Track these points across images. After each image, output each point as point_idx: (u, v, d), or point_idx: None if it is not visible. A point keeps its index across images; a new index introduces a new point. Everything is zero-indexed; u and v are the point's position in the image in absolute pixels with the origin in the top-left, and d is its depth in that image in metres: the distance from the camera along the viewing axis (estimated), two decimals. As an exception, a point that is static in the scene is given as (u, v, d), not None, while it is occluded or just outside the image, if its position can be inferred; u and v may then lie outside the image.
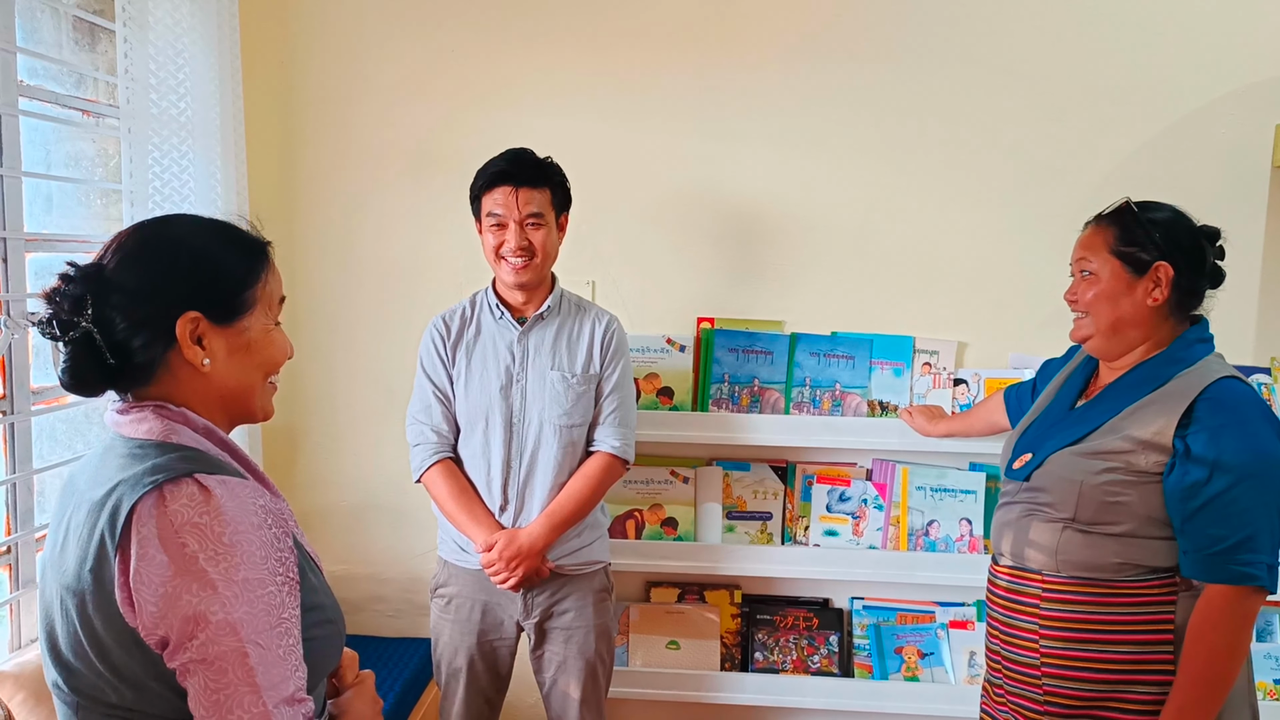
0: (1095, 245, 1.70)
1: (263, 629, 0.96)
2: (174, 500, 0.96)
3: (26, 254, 1.87)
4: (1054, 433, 1.71)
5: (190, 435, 1.05)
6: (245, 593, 0.95)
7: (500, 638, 2.07)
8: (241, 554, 0.96)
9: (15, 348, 1.83)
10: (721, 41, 2.49)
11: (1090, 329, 1.69)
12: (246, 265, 1.11)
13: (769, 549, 2.51)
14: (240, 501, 0.99)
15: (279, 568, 1.00)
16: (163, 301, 1.04)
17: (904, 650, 2.52)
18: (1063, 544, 1.63)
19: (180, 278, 1.05)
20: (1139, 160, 2.47)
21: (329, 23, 2.55)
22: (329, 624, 1.08)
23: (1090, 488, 1.59)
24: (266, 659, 0.95)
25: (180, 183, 2.07)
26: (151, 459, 0.99)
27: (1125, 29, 2.43)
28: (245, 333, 1.10)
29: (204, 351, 1.06)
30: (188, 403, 1.07)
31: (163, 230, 1.10)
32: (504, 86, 2.54)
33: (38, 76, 1.99)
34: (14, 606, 1.87)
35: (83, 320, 1.00)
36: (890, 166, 2.50)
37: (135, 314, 1.02)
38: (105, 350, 1.01)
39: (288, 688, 0.97)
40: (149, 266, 1.04)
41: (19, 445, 1.87)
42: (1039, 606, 1.64)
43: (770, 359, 2.53)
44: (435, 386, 2.05)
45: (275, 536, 1.01)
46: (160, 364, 1.05)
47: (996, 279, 2.52)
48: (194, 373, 1.07)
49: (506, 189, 1.95)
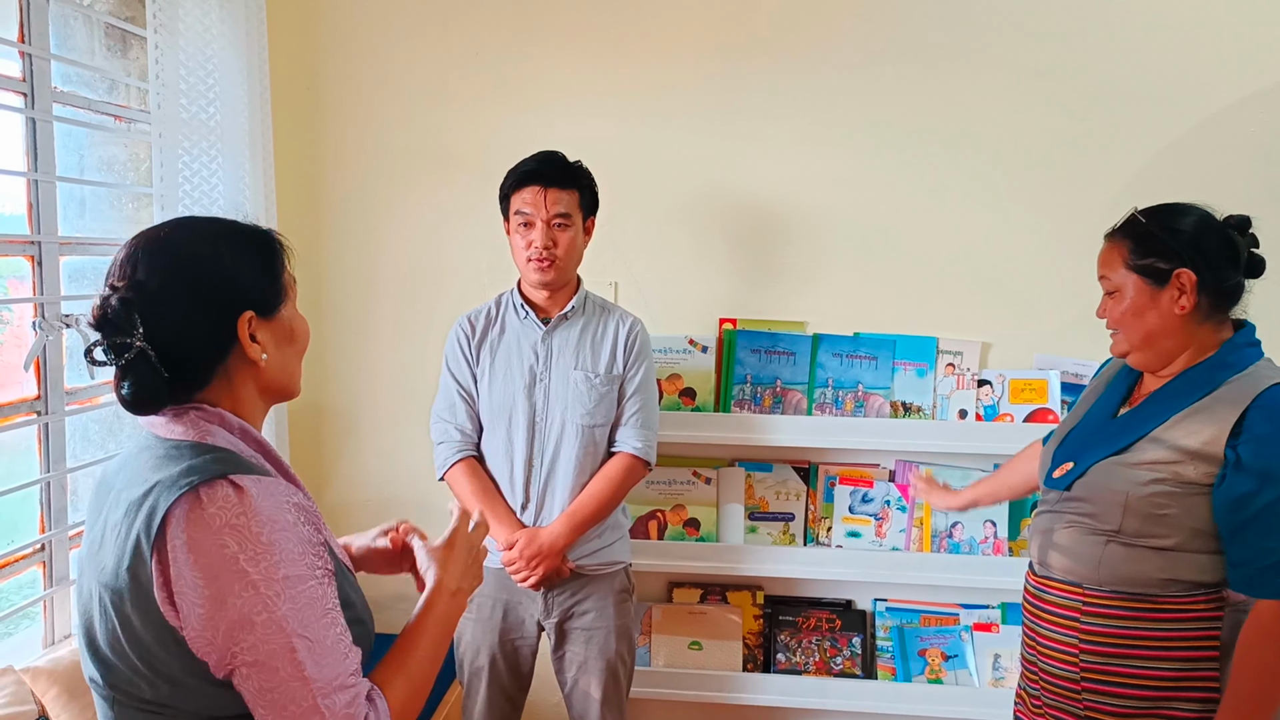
0: (1112, 262, 1.65)
1: (309, 621, 0.98)
2: (210, 503, 0.97)
3: (61, 257, 1.90)
4: (1096, 441, 1.64)
5: (224, 436, 1.06)
6: (287, 589, 0.97)
7: (521, 637, 2.08)
8: (280, 552, 0.97)
9: (50, 349, 1.87)
10: (744, 42, 2.49)
11: (1126, 345, 1.63)
12: (272, 256, 1.14)
13: (791, 550, 2.50)
14: (274, 500, 1.00)
15: (316, 561, 1.01)
16: (219, 308, 1.06)
17: (927, 652, 2.50)
18: (1106, 557, 1.57)
19: (228, 282, 1.07)
20: (1166, 159, 2.44)
21: (354, 29, 2.58)
22: (359, 623, 1.09)
23: (1136, 500, 1.53)
24: (315, 650, 0.97)
25: (210, 186, 2.10)
26: (186, 460, 1.00)
27: (1152, 28, 2.40)
28: (286, 321, 1.14)
29: (260, 346, 1.09)
30: (235, 400, 1.09)
31: (189, 239, 1.09)
32: (527, 89, 2.56)
33: (71, 83, 2.03)
34: (48, 603, 1.91)
35: (136, 340, 1.01)
36: (913, 166, 2.49)
37: (191, 325, 1.04)
38: (160, 367, 1.02)
39: (338, 675, 0.99)
40: (195, 278, 1.05)
41: (53, 445, 1.90)
42: (1079, 620, 1.58)
43: (793, 360, 2.53)
44: (459, 385, 2.07)
45: (310, 533, 1.03)
46: (218, 367, 1.07)
47: (1021, 279, 2.50)
48: (249, 369, 1.09)
49: (535, 188, 1.97)
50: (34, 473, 1.88)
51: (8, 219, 1.90)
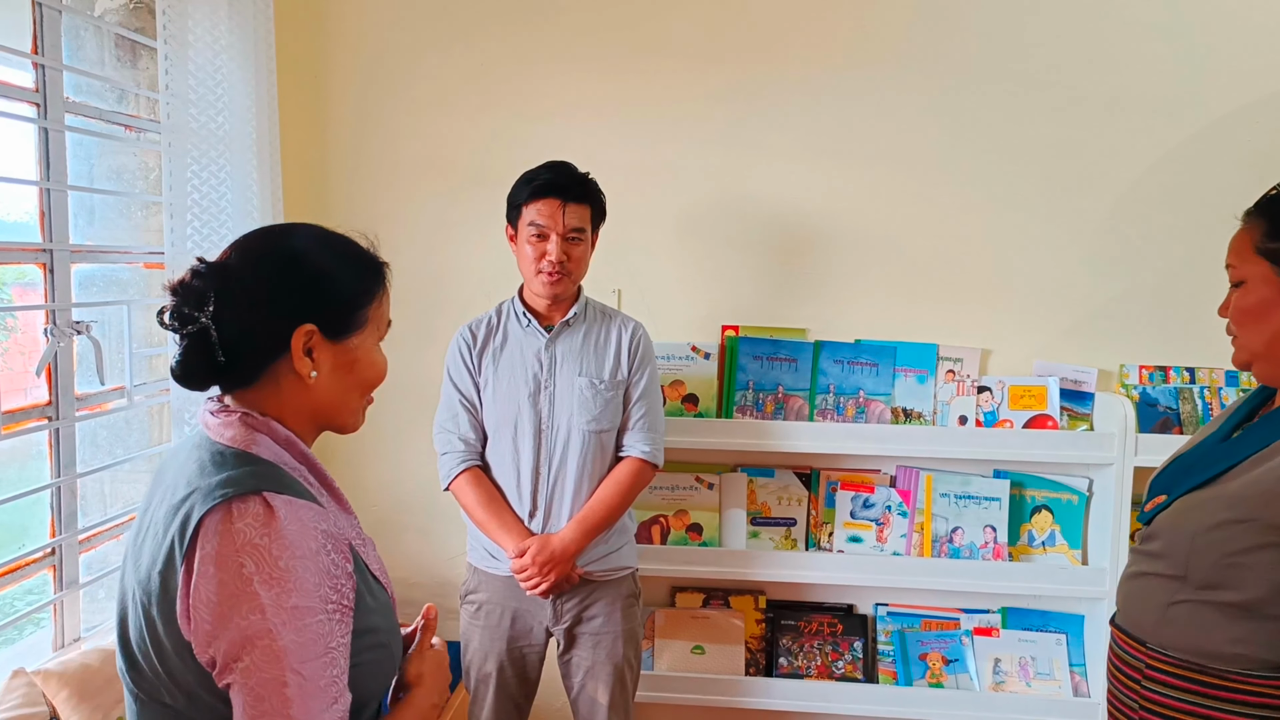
0: (1241, 247, 1.39)
1: (307, 658, 0.96)
2: (240, 518, 0.96)
3: (72, 265, 1.92)
4: (1196, 469, 1.40)
5: (270, 447, 1.06)
6: (294, 620, 0.95)
7: (530, 644, 2.10)
8: (295, 580, 0.96)
9: (61, 355, 1.89)
10: (747, 53, 2.52)
11: (1246, 352, 1.38)
12: (365, 285, 1.13)
13: (793, 555, 2.52)
14: (302, 525, 0.99)
15: (332, 595, 1.00)
16: (282, 310, 1.06)
17: (928, 657, 2.52)
18: (1170, 616, 1.35)
19: (302, 290, 1.07)
20: (1165, 167, 2.47)
21: (362, 40, 2.61)
22: (381, 648, 1.09)
23: (1205, 542, 1.29)
24: (305, 690, 0.95)
25: (218, 195, 2.12)
26: (227, 470, 1.01)
27: (1151, 37, 2.43)
28: (353, 350, 1.12)
29: (312, 364, 1.08)
30: (281, 410, 1.09)
31: (290, 240, 1.10)
32: (532, 99, 2.58)
33: (82, 93, 2.05)
34: (57, 607, 1.93)
35: (202, 316, 1.02)
36: (914, 175, 2.52)
37: (253, 318, 1.04)
38: (218, 348, 1.03)
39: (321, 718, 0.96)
40: (274, 274, 1.06)
41: (64, 450, 1.92)
42: (1140, 683, 1.40)
43: (794, 366, 2.55)
44: (462, 395, 2.08)
45: (333, 562, 1.01)
46: (267, 369, 1.07)
47: (1021, 286, 2.53)
48: (297, 382, 1.08)
49: (554, 202, 1.97)
50: (45, 478, 1.90)
51: (13, 226, 1.92)
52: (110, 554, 2.15)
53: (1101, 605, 2.41)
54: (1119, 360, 2.51)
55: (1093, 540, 2.49)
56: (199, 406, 2.07)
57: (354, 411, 1.17)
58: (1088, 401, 2.49)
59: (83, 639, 1.98)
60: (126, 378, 2.10)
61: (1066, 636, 2.50)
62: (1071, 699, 2.43)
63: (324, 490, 1.11)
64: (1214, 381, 2.46)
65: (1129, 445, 2.35)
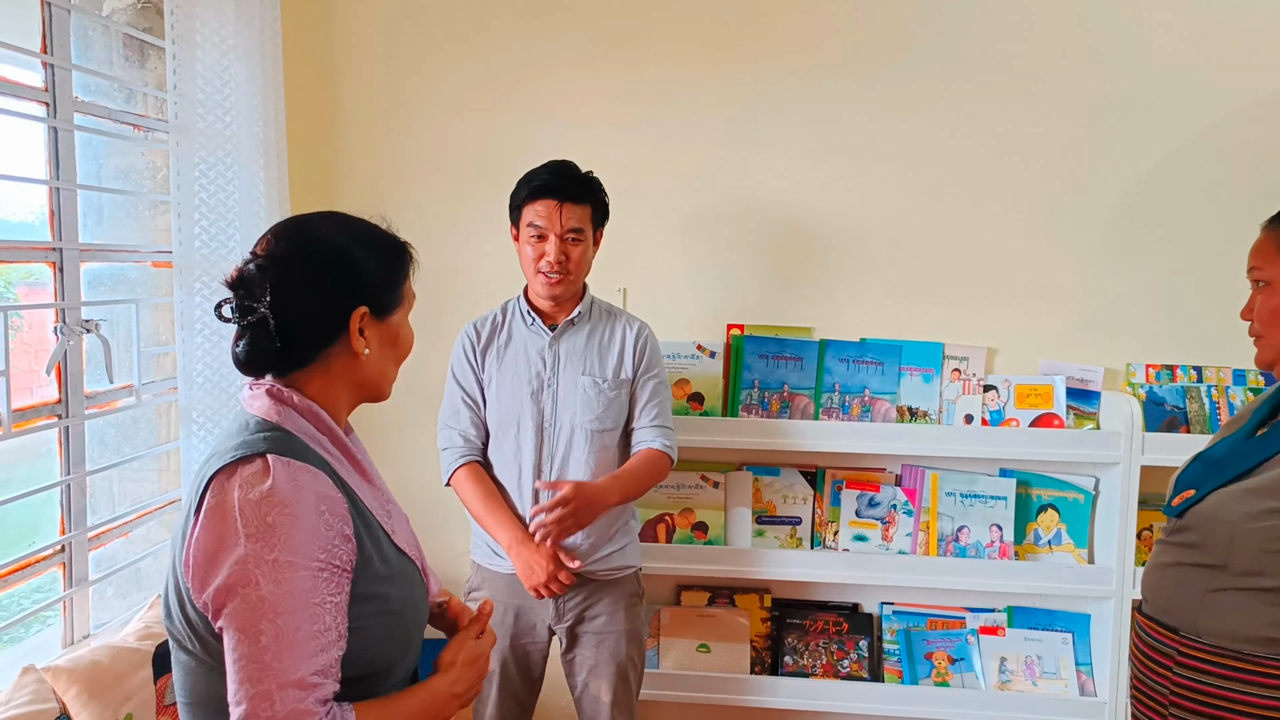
0: (1266, 249, 1.43)
1: (284, 610, 1.00)
2: (239, 476, 1.04)
3: (81, 264, 1.94)
4: (1225, 465, 1.46)
5: (293, 418, 1.13)
6: (274, 572, 1.01)
7: (533, 641, 2.10)
8: (279, 535, 1.02)
9: (70, 354, 1.90)
10: (753, 53, 2.53)
11: (1273, 351, 1.43)
12: (400, 264, 1.22)
13: (798, 553, 2.52)
14: (296, 485, 1.05)
15: (320, 554, 1.04)
16: (341, 295, 1.14)
17: (934, 655, 2.52)
18: (1209, 603, 1.40)
19: (357, 275, 1.15)
20: (1171, 165, 2.46)
21: (367, 40, 2.62)
22: (390, 614, 1.12)
23: (1247, 531, 1.34)
24: (282, 639, 1.00)
25: (226, 194, 2.13)
26: (246, 435, 1.09)
27: (1157, 35, 2.43)
28: (394, 326, 1.22)
29: (365, 342, 1.16)
30: (325, 386, 1.16)
31: (330, 230, 1.18)
32: (538, 98, 2.59)
33: (91, 93, 2.06)
34: (67, 604, 1.94)
35: (261, 306, 1.09)
36: (920, 173, 2.52)
37: (312, 305, 1.12)
38: (275, 335, 1.10)
39: (299, 670, 1.00)
40: (326, 264, 1.14)
41: (73, 448, 1.93)
42: (1171, 670, 1.44)
43: (800, 365, 2.55)
44: (464, 392, 2.09)
45: (326, 524, 1.06)
46: (322, 351, 1.15)
47: (1026, 285, 2.52)
48: (349, 360, 1.17)
49: (551, 203, 1.98)
50: (54, 475, 1.91)
51: (18, 225, 1.94)
52: (118, 552, 2.16)
53: (1108, 604, 2.41)
54: (1125, 359, 2.51)
55: (1099, 539, 2.48)
56: (206, 405, 2.09)
57: (392, 381, 1.26)
58: (1094, 400, 2.49)
59: (92, 636, 1.99)
60: (135, 376, 2.11)
61: (1073, 635, 2.50)
62: (1078, 698, 2.43)
63: (344, 460, 1.17)
64: (1221, 380, 2.45)
65: (1136, 444, 2.34)
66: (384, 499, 1.23)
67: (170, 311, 2.28)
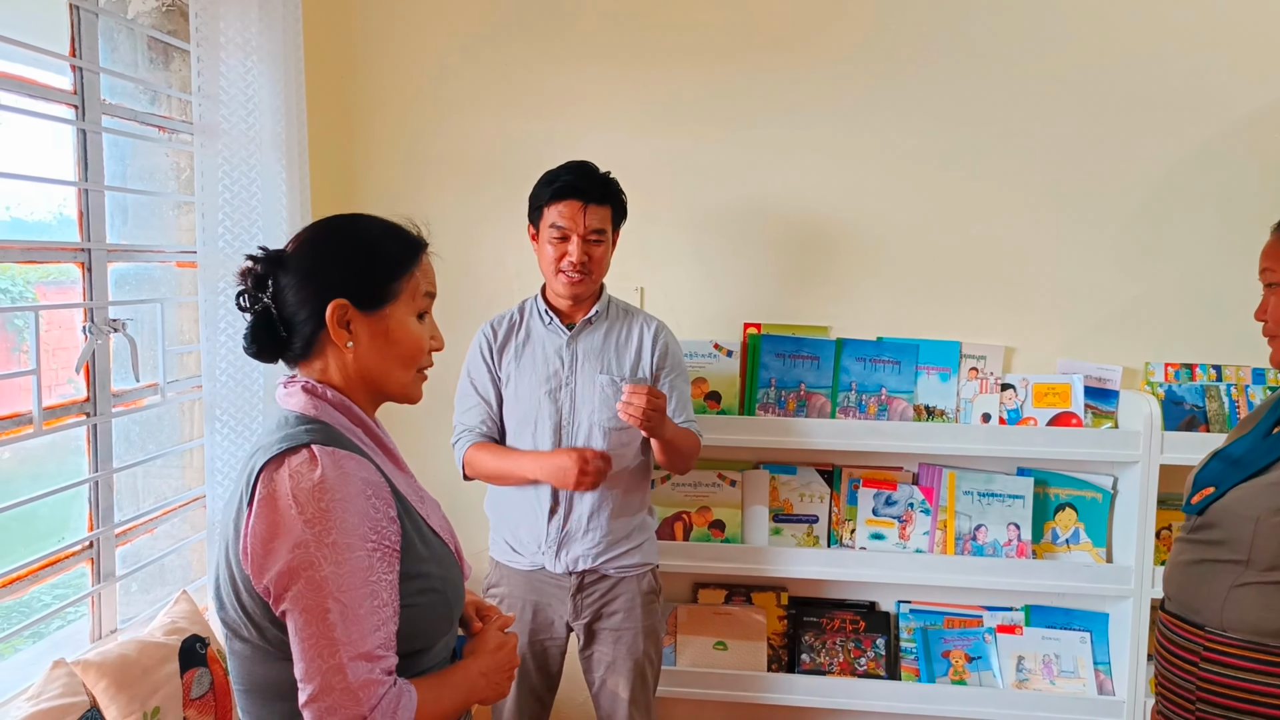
0: (1276, 253, 1.48)
1: (346, 588, 1.07)
2: (289, 466, 1.10)
3: (109, 264, 1.96)
4: (1244, 462, 1.49)
5: (328, 411, 1.19)
6: (334, 554, 1.07)
7: (551, 638, 2.12)
8: (335, 519, 1.08)
9: (98, 353, 1.93)
10: (769, 52, 2.53)
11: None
12: (394, 259, 1.23)
13: (815, 551, 2.53)
14: (343, 472, 1.11)
15: (371, 535, 1.10)
16: (320, 286, 1.18)
17: (951, 654, 2.52)
18: (1233, 598, 1.42)
19: (336, 266, 1.20)
20: (1190, 166, 2.46)
21: (387, 42, 2.64)
22: (434, 593, 1.19)
23: (1269, 525, 1.37)
24: (347, 615, 1.06)
25: (249, 194, 2.15)
26: (288, 429, 1.15)
27: (1175, 35, 2.42)
28: (386, 320, 1.22)
29: (349, 335, 1.20)
30: (334, 379, 1.22)
31: (333, 224, 1.25)
32: (555, 98, 2.60)
33: (117, 95, 2.09)
34: (95, 599, 1.97)
35: (264, 297, 1.18)
36: (936, 173, 2.52)
37: (299, 294, 1.19)
38: (279, 324, 1.18)
39: (366, 644, 1.07)
40: (314, 254, 1.21)
41: (100, 445, 1.96)
42: (1197, 665, 1.46)
43: (816, 364, 2.56)
44: (478, 392, 2.10)
45: (374, 507, 1.12)
46: (316, 341, 1.20)
47: (1045, 284, 2.52)
48: (339, 353, 1.21)
49: (574, 204, 1.99)
50: (83, 472, 1.94)
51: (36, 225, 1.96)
52: (143, 548, 2.19)
53: (1127, 603, 2.40)
54: (1144, 358, 2.50)
55: (1117, 538, 2.48)
56: (230, 403, 2.12)
57: (402, 383, 1.26)
58: (1112, 399, 2.48)
59: (119, 630, 2.02)
60: (160, 374, 2.14)
61: (1091, 635, 2.50)
62: (1096, 697, 2.43)
63: (378, 450, 1.23)
64: (1241, 379, 2.45)
65: (1155, 443, 2.34)
66: (416, 486, 1.29)
67: (192, 310, 2.31)
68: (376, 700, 1.07)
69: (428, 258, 1.28)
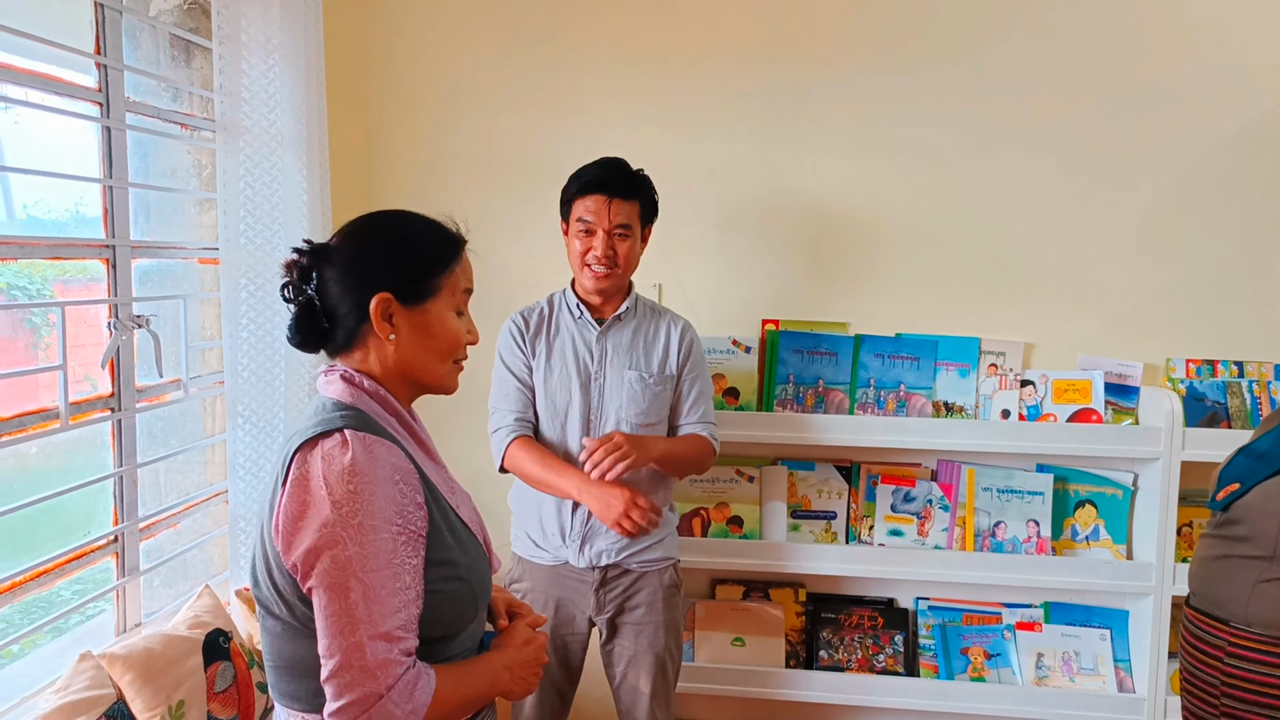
0: None
1: (370, 568, 1.10)
2: (321, 449, 1.14)
3: (133, 260, 1.98)
4: (1270, 458, 1.50)
5: (363, 399, 1.22)
6: (359, 535, 1.10)
7: (573, 633, 2.12)
8: (362, 501, 1.11)
9: (123, 348, 1.94)
10: (788, 47, 2.53)
11: None
12: (436, 256, 1.27)
13: (833, 548, 2.53)
14: (373, 457, 1.14)
15: (398, 519, 1.13)
16: (363, 279, 1.22)
17: (970, 651, 2.52)
18: (1258, 593, 1.43)
19: (380, 261, 1.23)
20: (1212, 159, 2.44)
21: (407, 39, 2.65)
22: (458, 581, 1.20)
23: None
24: (369, 595, 1.09)
25: (270, 191, 2.16)
26: (324, 414, 1.18)
27: (1196, 28, 2.41)
28: (426, 315, 1.26)
29: (391, 328, 1.23)
30: (373, 369, 1.25)
31: (378, 219, 1.28)
32: (575, 97, 2.61)
33: (140, 93, 2.11)
34: (120, 593, 1.98)
35: (308, 288, 1.21)
36: (955, 168, 2.51)
37: (343, 287, 1.22)
38: (322, 316, 1.21)
39: (386, 624, 1.10)
40: (359, 249, 1.24)
41: (125, 440, 1.98)
42: (1222, 660, 1.48)
43: (835, 360, 2.56)
44: (515, 377, 2.09)
45: (401, 493, 1.15)
46: (358, 333, 1.24)
47: (1064, 280, 2.51)
48: (381, 344, 1.24)
49: (599, 198, 2.01)
50: (108, 467, 1.95)
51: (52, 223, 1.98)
52: (166, 543, 2.20)
53: (1147, 600, 2.39)
54: (1165, 354, 2.49)
55: (1138, 535, 2.47)
56: (251, 399, 2.13)
57: (438, 375, 1.30)
58: (1133, 396, 2.47)
59: (143, 624, 2.03)
60: (183, 370, 2.15)
61: (1111, 632, 2.49)
62: (1116, 694, 2.42)
63: (410, 439, 1.25)
64: (1263, 375, 2.43)
65: (1176, 439, 2.33)
66: (448, 477, 1.31)
67: (213, 306, 2.32)
68: (394, 680, 1.10)
69: (467, 255, 1.32)
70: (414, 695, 1.11)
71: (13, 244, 1.70)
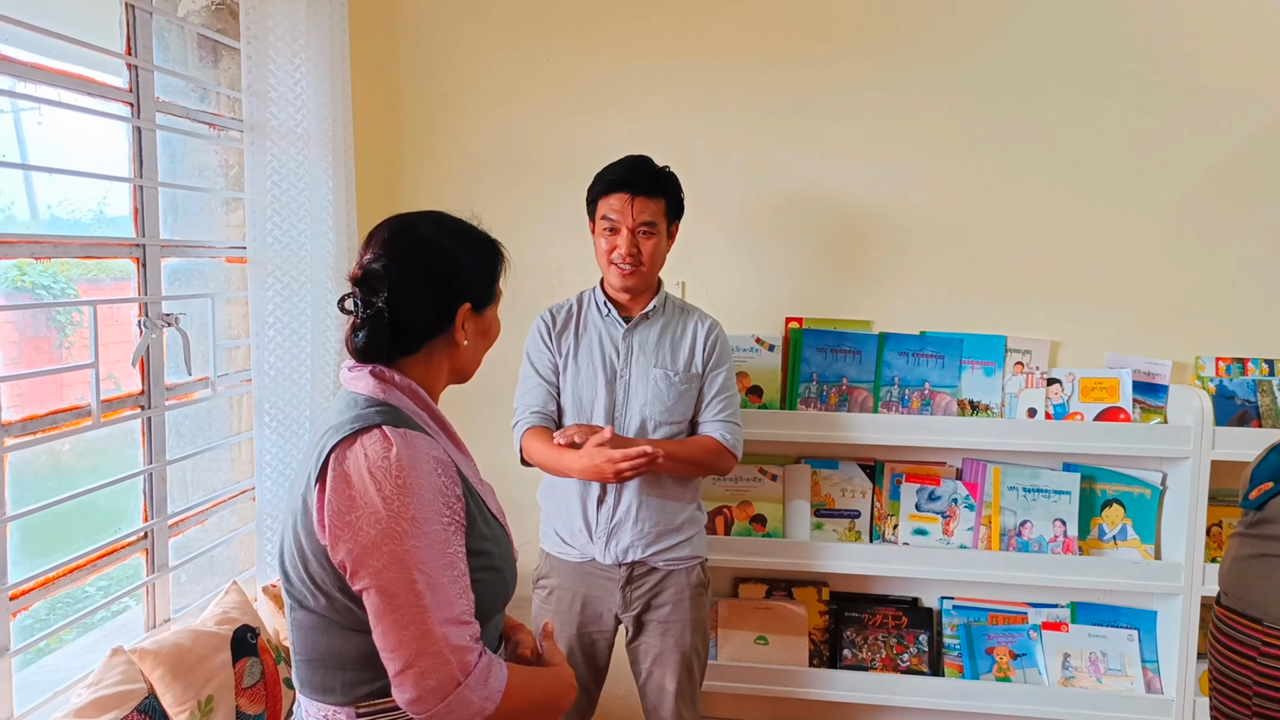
0: None
1: (428, 559, 1.11)
2: (363, 445, 1.15)
3: (162, 259, 1.99)
4: None
5: (395, 394, 1.23)
6: (414, 528, 1.11)
7: (599, 630, 2.12)
8: (413, 495, 1.12)
9: (152, 347, 1.96)
10: (812, 45, 2.52)
11: None
12: (495, 263, 1.33)
13: (857, 546, 2.52)
14: (415, 451, 1.15)
15: (445, 510, 1.16)
16: (449, 294, 1.26)
17: (995, 650, 2.50)
18: None
19: (462, 275, 1.27)
20: (1240, 156, 2.42)
21: (431, 38, 2.66)
22: (493, 570, 1.23)
23: None
24: (433, 584, 1.11)
25: (297, 191, 2.18)
26: (359, 410, 1.19)
27: (1225, 26, 2.38)
28: (488, 318, 1.34)
29: (464, 334, 1.28)
30: (427, 371, 1.28)
31: (436, 232, 1.28)
32: (597, 93, 2.61)
33: (170, 93, 2.12)
34: (150, 589, 2.00)
35: (379, 301, 1.21)
36: (981, 166, 2.50)
37: (427, 302, 1.24)
38: (389, 327, 1.21)
39: (453, 610, 1.12)
40: (439, 266, 1.25)
41: (154, 438, 1.99)
42: (1255, 660, 1.47)
43: (859, 358, 2.55)
44: (540, 374, 2.11)
45: (443, 484, 1.17)
46: (429, 339, 1.26)
47: (1092, 277, 2.49)
48: (449, 348, 1.29)
49: (624, 196, 2.01)
50: (137, 464, 1.97)
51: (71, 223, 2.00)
52: (194, 540, 2.22)
53: (1176, 600, 2.37)
54: (1194, 352, 2.46)
55: (1166, 534, 2.45)
56: (278, 397, 2.14)
57: (476, 366, 1.37)
58: (1161, 394, 2.45)
59: (172, 620, 2.05)
60: (211, 368, 2.17)
61: (1138, 632, 2.46)
62: (1144, 695, 2.40)
63: (441, 433, 1.28)
64: (1295, 374, 2.40)
65: (1206, 438, 2.30)
66: (475, 469, 1.33)
67: (240, 305, 2.34)
68: (470, 666, 1.11)
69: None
70: (489, 681, 1.13)
71: (45, 243, 1.71)
